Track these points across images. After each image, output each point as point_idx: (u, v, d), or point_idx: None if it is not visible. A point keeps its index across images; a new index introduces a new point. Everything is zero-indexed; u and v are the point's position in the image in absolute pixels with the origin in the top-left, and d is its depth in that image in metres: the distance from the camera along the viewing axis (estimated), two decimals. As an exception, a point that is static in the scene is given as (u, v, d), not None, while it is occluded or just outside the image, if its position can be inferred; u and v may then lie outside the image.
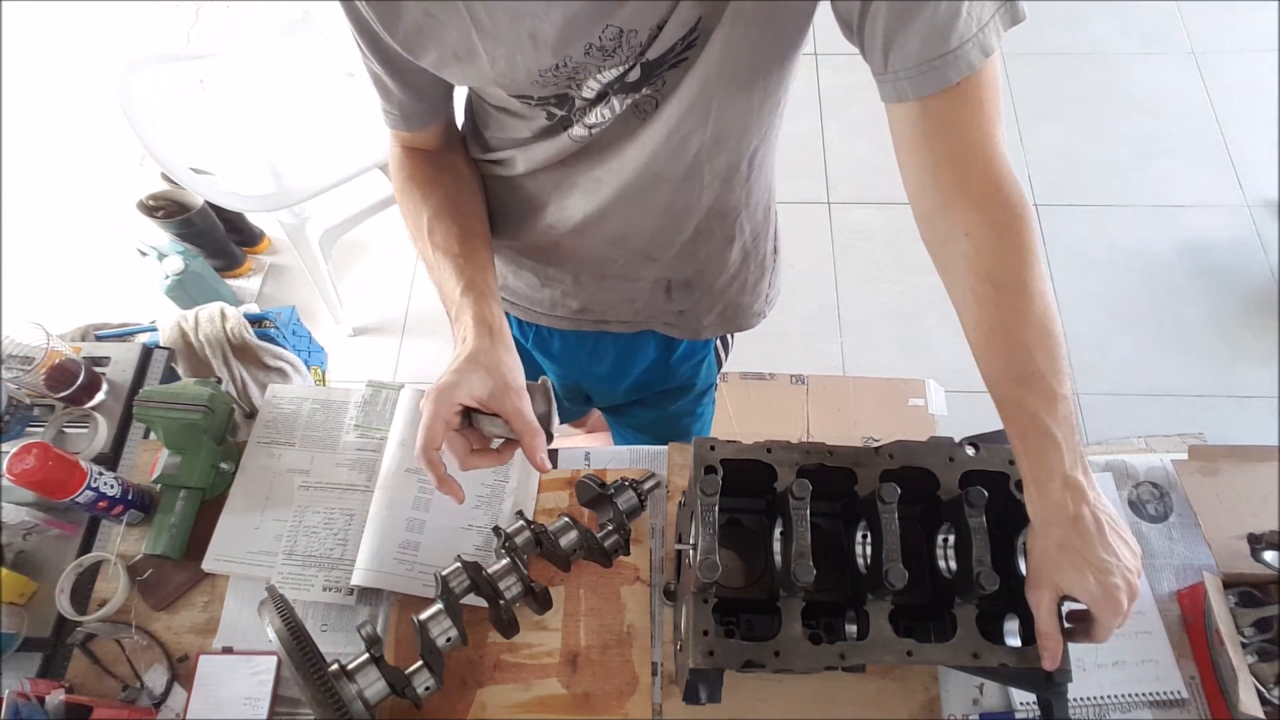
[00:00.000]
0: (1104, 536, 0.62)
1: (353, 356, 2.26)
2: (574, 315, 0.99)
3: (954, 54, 0.57)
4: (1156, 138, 2.55)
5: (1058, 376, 0.63)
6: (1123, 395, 2.13)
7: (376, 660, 0.74)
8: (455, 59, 0.66)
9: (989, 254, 0.64)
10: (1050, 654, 0.66)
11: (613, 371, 1.08)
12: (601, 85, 0.67)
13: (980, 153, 0.62)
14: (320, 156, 1.80)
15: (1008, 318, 0.63)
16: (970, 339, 0.67)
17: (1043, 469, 0.63)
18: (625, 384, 1.11)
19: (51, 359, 0.95)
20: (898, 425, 1.76)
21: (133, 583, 0.91)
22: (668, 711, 0.84)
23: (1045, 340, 0.63)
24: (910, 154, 0.65)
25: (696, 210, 0.83)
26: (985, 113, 0.61)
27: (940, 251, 0.68)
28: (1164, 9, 2.83)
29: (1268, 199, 2.40)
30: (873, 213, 2.44)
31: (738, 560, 0.83)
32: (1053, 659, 0.66)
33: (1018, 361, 0.63)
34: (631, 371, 1.08)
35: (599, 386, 1.14)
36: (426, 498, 0.94)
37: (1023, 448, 0.64)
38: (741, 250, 0.93)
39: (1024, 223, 0.63)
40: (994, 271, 0.64)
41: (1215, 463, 0.98)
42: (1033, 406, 0.63)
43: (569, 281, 0.94)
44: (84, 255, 2.42)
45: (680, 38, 0.62)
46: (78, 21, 2.92)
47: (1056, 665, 0.67)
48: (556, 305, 0.98)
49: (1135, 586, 0.63)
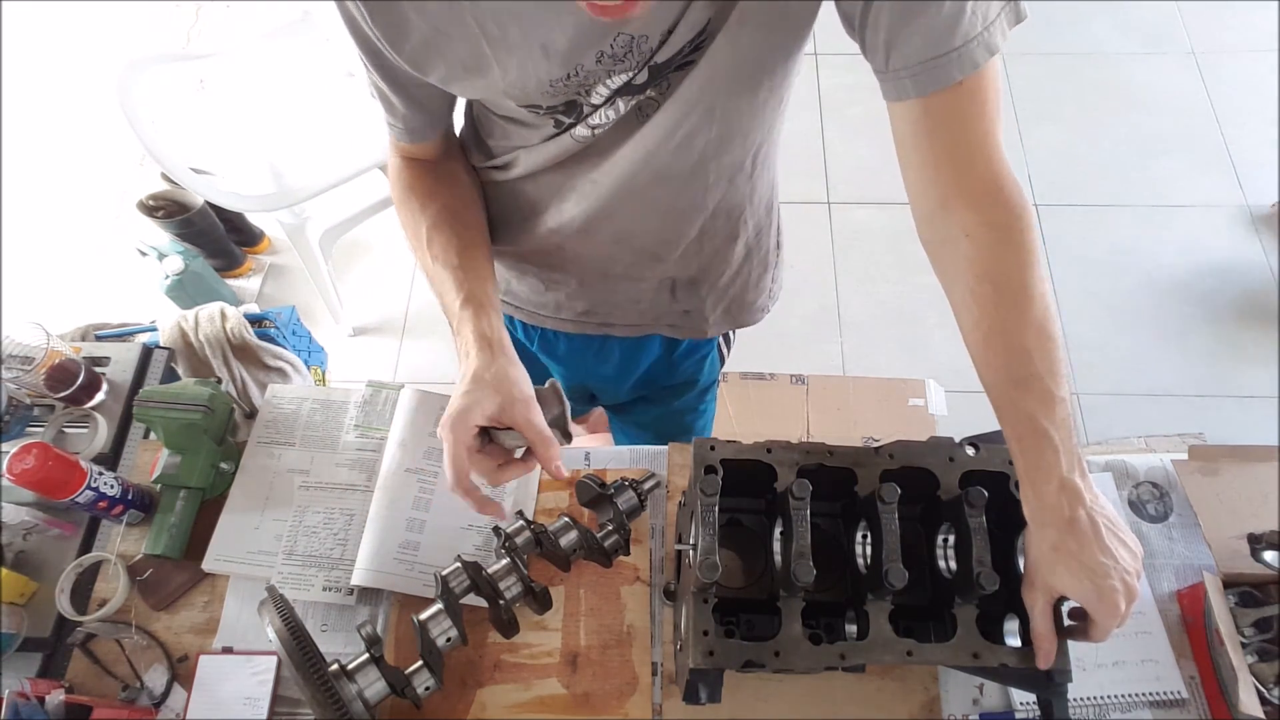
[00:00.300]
0: (1101, 539, 0.62)
1: (353, 356, 2.26)
2: (579, 318, 0.99)
3: (958, 52, 0.57)
4: (1156, 138, 2.55)
5: (1056, 379, 0.63)
6: (1123, 395, 2.13)
7: (376, 660, 0.74)
8: (465, 72, 0.66)
9: (989, 254, 0.63)
10: (1044, 654, 0.66)
11: (618, 372, 1.08)
12: (610, 91, 0.67)
13: (981, 152, 0.62)
14: (320, 156, 1.80)
15: (1007, 319, 0.63)
16: (968, 341, 0.66)
17: (1039, 471, 0.63)
18: (630, 382, 1.11)
19: (51, 359, 0.95)
20: (898, 425, 1.76)
21: (133, 583, 0.91)
22: (668, 711, 0.84)
23: (1044, 343, 0.63)
24: (911, 152, 0.65)
25: (702, 208, 0.83)
26: (987, 113, 0.61)
27: (939, 252, 0.67)
28: (1164, 9, 2.83)
29: (1268, 199, 2.40)
30: (873, 213, 2.44)
31: (738, 560, 0.83)
32: (1046, 659, 0.66)
33: (1016, 364, 0.63)
34: (636, 370, 1.09)
35: (604, 386, 1.15)
36: (426, 498, 0.94)
37: (1019, 449, 0.64)
38: (745, 246, 0.93)
39: (1024, 223, 0.63)
40: (994, 272, 0.63)
41: (1215, 463, 0.98)
42: (1030, 409, 0.63)
43: (573, 284, 0.94)
44: (84, 255, 2.42)
45: (689, 40, 0.62)
46: (78, 21, 2.92)
47: (1049, 665, 0.67)
48: (561, 308, 0.98)
49: (1134, 588, 0.63)
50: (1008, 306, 0.63)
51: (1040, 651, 0.66)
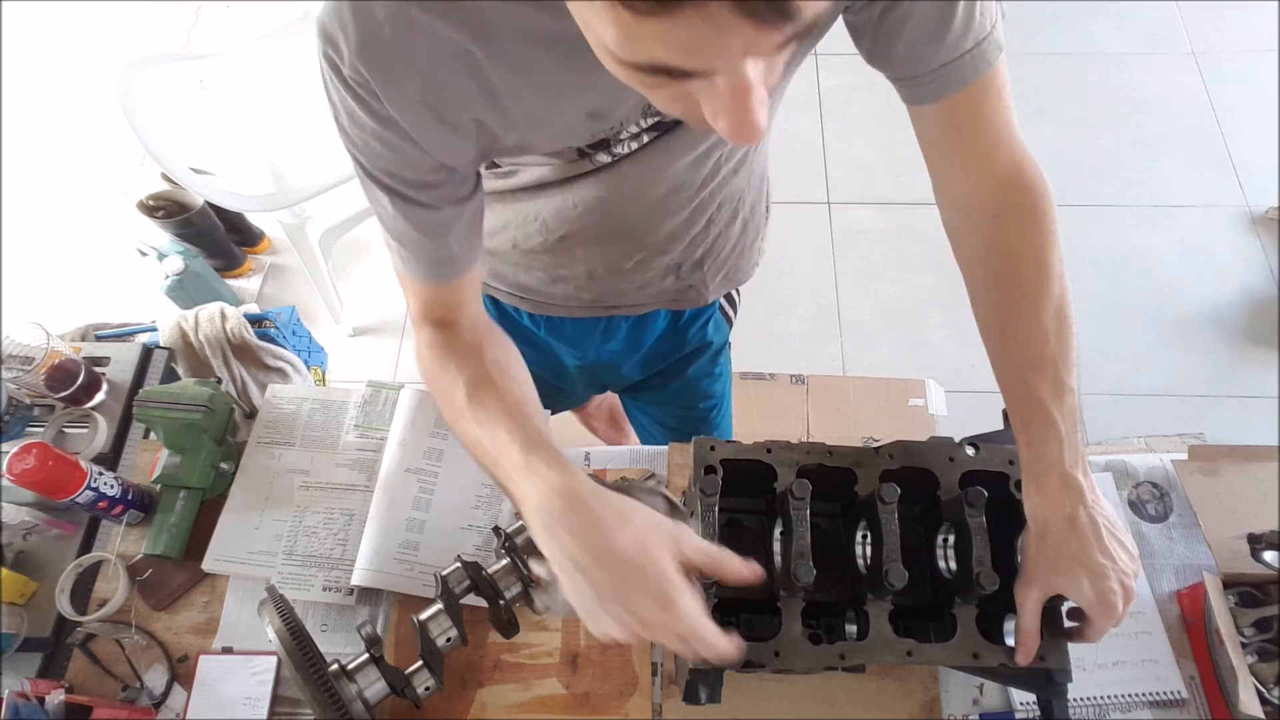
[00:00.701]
0: (1100, 539, 0.62)
1: (353, 356, 2.26)
2: (586, 305, 0.99)
3: (971, 54, 0.59)
4: (1156, 138, 2.55)
5: (1068, 367, 0.63)
6: (1123, 395, 2.13)
7: (376, 660, 0.74)
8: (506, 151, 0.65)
9: (1016, 235, 0.65)
10: (1025, 650, 0.66)
11: (625, 346, 1.08)
12: (640, 128, 0.66)
13: (1003, 141, 0.65)
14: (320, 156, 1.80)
15: (1027, 298, 0.64)
16: (985, 325, 0.67)
17: (1042, 462, 0.63)
18: (638, 356, 1.11)
19: (51, 359, 0.95)
20: (898, 425, 1.76)
21: (133, 583, 0.91)
22: (668, 711, 0.84)
23: (1060, 326, 0.63)
24: (937, 147, 0.67)
25: (710, 203, 0.84)
26: (1003, 102, 0.63)
27: (965, 235, 0.69)
28: (1164, 9, 2.83)
29: (1268, 200, 2.40)
30: (872, 213, 2.44)
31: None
32: (1027, 656, 0.66)
33: (1033, 345, 0.64)
34: (644, 343, 1.09)
35: (614, 364, 1.14)
36: (426, 498, 0.94)
37: (1025, 439, 0.64)
38: (742, 221, 0.94)
39: (1047, 203, 0.66)
40: (1018, 251, 0.65)
41: (1215, 463, 0.98)
42: (1041, 394, 0.63)
43: (582, 278, 0.94)
44: (84, 255, 2.42)
45: None
46: (78, 21, 2.92)
47: (1029, 662, 0.67)
48: (569, 299, 0.98)
49: (1131, 590, 0.63)
50: (1030, 285, 0.64)
51: (1022, 648, 0.66)
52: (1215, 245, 2.36)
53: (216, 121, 1.87)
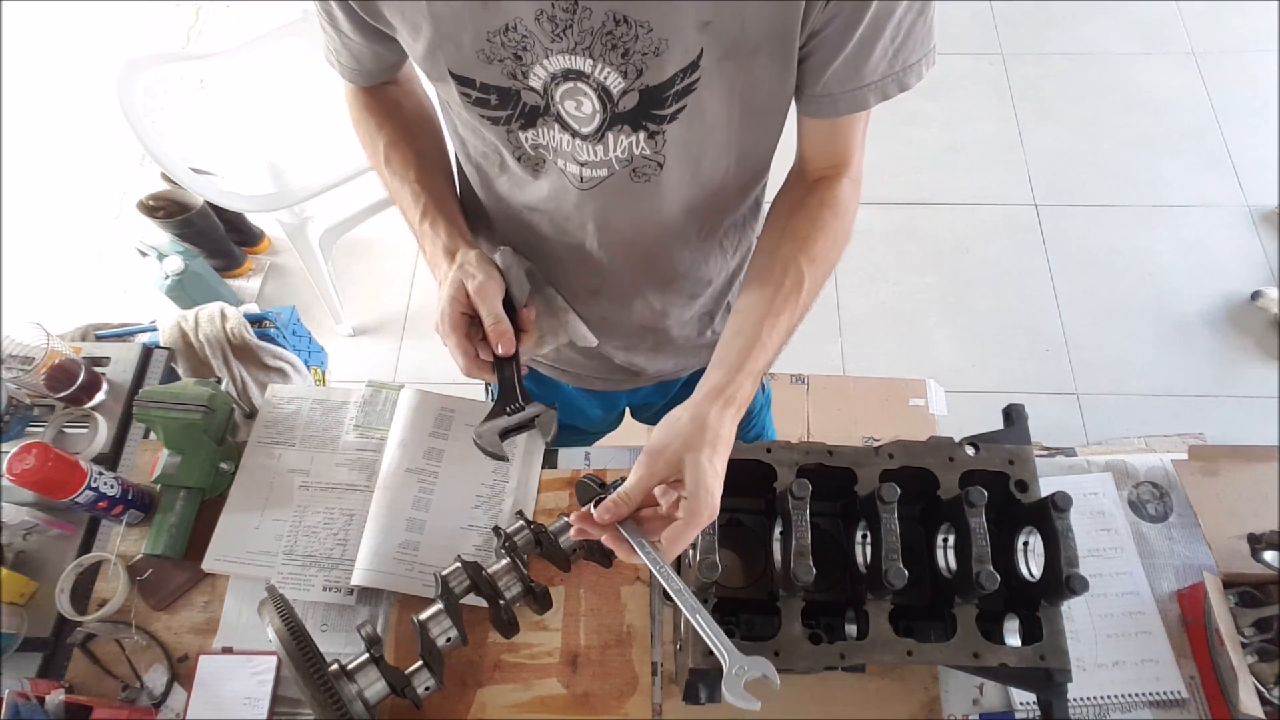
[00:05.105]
0: (725, 455, 0.62)
1: (353, 356, 2.26)
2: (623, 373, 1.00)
3: (876, 84, 0.65)
4: (1156, 138, 2.56)
5: (777, 333, 0.67)
6: (1123, 395, 2.13)
7: (376, 660, 0.74)
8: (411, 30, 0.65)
9: (816, 213, 0.72)
10: (583, 524, 0.62)
11: (656, 388, 1.09)
12: (548, 74, 0.63)
13: (858, 153, 0.74)
14: (320, 156, 1.80)
15: (797, 248, 0.70)
16: (759, 249, 0.74)
17: (724, 374, 0.65)
18: (671, 395, 1.11)
19: (51, 359, 0.95)
20: (898, 425, 1.76)
21: (133, 583, 0.91)
22: (668, 711, 0.84)
23: (794, 295, 0.68)
24: (809, 145, 0.74)
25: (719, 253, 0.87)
26: (867, 123, 0.72)
27: (788, 197, 0.75)
28: (1164, 9, 2.83)
29: (1268, 199, 2.40)
30: (873, 213, 2.44)
31: (738, 560, 0.83)
32: (581, 531, 0.62)
33: (778, 297, 0.68)
34: (673, 387, 1.09)
35: (646, 404, 1.16)
36: (427, 498, 0.94)
37: (725, 351, 0.66)
38: (751, 240, 0.92)
39: (850, 208, 0.73)
40: (814, 221, 0.71)
41: (1215, 463, 0.98)
42: (765, 339, 0.66)
43: (618, 341, 0.94)
44: (84, 255, 2.42)
45: (682, 69, 0.60)
46: (78, 21, 2.92)
47: (583, 536, 0.62)
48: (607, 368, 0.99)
49: (714, 510, 0.59)
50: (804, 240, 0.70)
51: (586, 520, 0.62)
52: (1215, 245, 2.36)
53: (216, 121, 1.87)
